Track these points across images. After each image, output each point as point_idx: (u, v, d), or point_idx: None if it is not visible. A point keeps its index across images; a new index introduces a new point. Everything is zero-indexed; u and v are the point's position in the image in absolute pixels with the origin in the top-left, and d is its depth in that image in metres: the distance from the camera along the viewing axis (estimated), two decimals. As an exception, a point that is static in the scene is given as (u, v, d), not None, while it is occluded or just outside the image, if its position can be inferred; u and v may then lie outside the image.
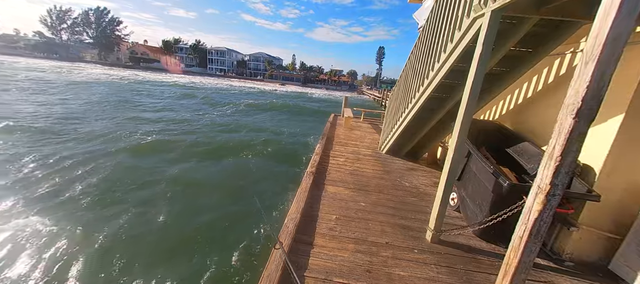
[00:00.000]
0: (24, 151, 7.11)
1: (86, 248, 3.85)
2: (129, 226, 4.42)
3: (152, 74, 49.75)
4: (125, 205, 5.03)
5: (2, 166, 6.13)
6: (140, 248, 3.98)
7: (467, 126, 2.22)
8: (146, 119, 12.91)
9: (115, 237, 4.13)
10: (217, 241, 4.25)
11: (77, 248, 3.82)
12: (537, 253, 1.45)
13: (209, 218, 4.87)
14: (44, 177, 5.79)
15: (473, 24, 2.32)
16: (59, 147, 7.73)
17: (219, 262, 3.77)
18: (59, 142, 8.26)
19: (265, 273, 1.92)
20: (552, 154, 1.26)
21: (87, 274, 3.45)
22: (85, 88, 22.16)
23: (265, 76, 77.51)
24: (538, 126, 3.31)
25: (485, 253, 2.62)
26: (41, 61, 50.85)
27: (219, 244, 4.15)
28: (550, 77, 3.20)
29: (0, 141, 7.48)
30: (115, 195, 5.40)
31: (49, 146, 7.78)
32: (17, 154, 6.86)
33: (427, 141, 5.11)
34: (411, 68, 4.35)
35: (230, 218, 4.86)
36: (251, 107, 21.21)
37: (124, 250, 3.87)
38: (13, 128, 8.88)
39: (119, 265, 3.61)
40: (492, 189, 2.53)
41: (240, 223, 4.74)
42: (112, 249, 3.87)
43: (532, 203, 1.36)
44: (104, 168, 6.58)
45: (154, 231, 4.39)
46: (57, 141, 8.31)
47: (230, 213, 5.04)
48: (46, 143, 8.00)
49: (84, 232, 4.16)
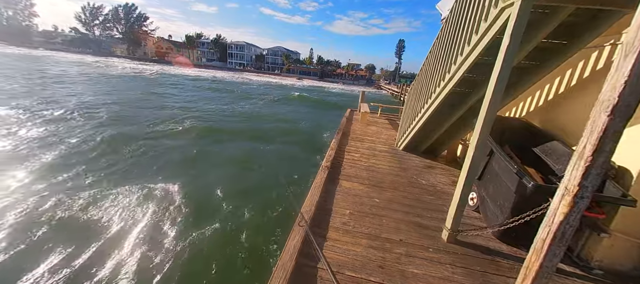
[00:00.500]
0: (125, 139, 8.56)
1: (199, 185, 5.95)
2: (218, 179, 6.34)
3: (178, 69, 52.50)
4: (204, 168, 7.01)
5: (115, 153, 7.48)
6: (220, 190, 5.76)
7: (490, 122, 2.13)
8: (192, 109, 14.81)
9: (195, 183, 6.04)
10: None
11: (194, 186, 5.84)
12: (560, 257, 1.38)
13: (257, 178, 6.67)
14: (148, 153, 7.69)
15: (501, 14, 2.18)
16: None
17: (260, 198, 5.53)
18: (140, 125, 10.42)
19: (289, 243, 2.16)
20: (583, 154, 1.18)
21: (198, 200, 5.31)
22: (129, 81, 24.78)
23: (283, 70, 78.15)
24: (570, 124, 3.08)
25: (505, 255, 2.52)
26: (78, 56, 55.24)
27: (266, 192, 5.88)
28: (586, 72, 2.96)
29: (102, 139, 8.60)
30: (194, 164, 7.31)
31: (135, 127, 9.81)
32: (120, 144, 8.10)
33: (447, 138, 4.94)
34: (432, 61, 4.20)
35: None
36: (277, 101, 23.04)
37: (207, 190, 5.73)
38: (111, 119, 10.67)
39: (208, 200, 5.42)
40: (515, 190, 2.42)
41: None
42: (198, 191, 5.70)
43: (558, 205, 1.29)
44: (179, 147, 8.45)
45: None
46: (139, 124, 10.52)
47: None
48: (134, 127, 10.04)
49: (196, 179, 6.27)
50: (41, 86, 16.74)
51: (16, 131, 8.14)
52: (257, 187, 6.06)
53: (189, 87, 26.18)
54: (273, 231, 4.50)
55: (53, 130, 8.62)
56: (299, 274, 1.97)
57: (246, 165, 7.50)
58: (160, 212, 4.80)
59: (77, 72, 27.34)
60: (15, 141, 7.46)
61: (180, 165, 7.04)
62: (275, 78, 60.04)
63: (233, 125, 12.17)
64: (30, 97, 13.03)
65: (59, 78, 21.38)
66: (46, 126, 8.92)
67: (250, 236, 4.34)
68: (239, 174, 6.87)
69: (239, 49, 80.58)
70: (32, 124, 8.95)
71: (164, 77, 33.31)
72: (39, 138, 7.81)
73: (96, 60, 45.91)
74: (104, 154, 7.29)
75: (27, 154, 6.66)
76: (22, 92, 14.00)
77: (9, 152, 6.69)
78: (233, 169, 7.14)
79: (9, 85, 15.47)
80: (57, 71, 26.22)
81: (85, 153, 7.22)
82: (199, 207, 5.05)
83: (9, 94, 12.98)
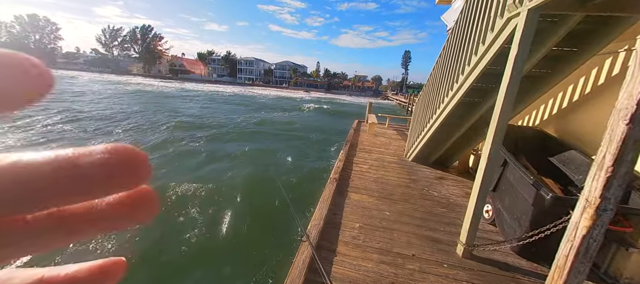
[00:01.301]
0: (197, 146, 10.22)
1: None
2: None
3: (191, 84, 55.27)
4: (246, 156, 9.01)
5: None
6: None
7: (502, 132, 2.08)
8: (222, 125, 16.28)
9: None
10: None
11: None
12: (586, 274, 1.30)
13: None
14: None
15: (507, 24, 2.17)
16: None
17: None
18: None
19: (298, 258, 2.16)
20: (603, 164, 1.13)
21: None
22: (151, 97, 26.58)
23: (291, 83, 79.63)
24: (587, 132, 2.97)
25: (525, 272, 2.39)
26: (99, 75, 58.48)
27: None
28: (601, 78, 2.88)
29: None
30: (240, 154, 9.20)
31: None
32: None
33: (458, 148, 4.84)
34: (439, 72, 4.20)
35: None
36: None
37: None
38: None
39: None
40: (533, 202, 2.32)
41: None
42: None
43: (580, 218, 1.23)
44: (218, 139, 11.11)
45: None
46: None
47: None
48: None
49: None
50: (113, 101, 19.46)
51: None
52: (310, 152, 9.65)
53: (219, 100, 29.14)
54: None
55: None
56: (308, 290, 1.93)
57: (300, 142, 11.21)
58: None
59: (116, 90, 29.80)
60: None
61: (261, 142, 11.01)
62: (283, 91, 61.29)
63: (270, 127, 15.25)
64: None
65: (113, 96, 23.96)
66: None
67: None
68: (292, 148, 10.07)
69: (248, 64, 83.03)
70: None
71: (187, 92, 36.17)
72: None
73: (118, 80, 49.24)
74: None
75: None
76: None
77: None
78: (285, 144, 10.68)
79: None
80: (98, 88, 29.33)
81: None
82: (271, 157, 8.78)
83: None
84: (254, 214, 4.92)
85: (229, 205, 5.21)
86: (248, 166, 7.60)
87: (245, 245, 4.13)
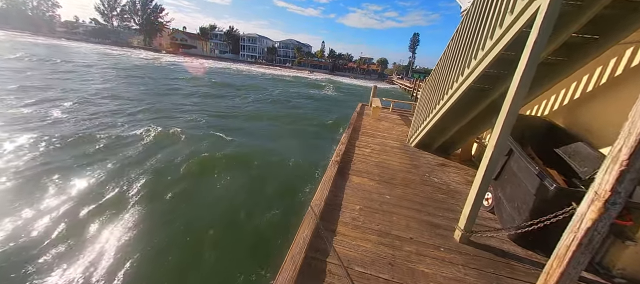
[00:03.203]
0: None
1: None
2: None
3: (196, 60, 55.05)
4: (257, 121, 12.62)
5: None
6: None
7: (511, 121, 2.03)
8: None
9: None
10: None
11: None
12: (585, 265, 1.31)
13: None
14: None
15: (529, 6, 2.04)
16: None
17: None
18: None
19: (299, 235, 2.22)
20: (618, 157, 1.10)
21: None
22: (165, 71, 28.90)
23: (294, 63, 77.90)
24: (598, 124, 2.90)
25: (520, 259, 2.43)
26: (101, 46, 57.70)
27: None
28: (619, 70, 2.76)
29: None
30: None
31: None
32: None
33: (462, 136, 4.79)
34: (450, 56, 4.04)
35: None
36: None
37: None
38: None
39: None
40: (535, 192, 2.32)
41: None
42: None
43: (586, 210, 1.22)
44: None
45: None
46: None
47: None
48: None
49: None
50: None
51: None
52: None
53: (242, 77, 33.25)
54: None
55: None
56: (308, 267, 1.98)
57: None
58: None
59: (135, 64, 31.87)
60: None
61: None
62: (288, 71, 60.29)
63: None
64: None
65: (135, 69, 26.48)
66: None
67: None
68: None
69: (251, 41, 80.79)
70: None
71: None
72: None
73: (124, 51, 50.36)
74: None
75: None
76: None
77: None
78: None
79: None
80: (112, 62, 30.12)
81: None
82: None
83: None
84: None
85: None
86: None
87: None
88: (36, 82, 13.86)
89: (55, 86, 13.58)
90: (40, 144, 6.49)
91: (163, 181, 5.57)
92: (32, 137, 6.77)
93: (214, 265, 3.65)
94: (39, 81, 14.36)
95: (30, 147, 6.33)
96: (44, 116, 8.79)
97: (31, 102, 10.10)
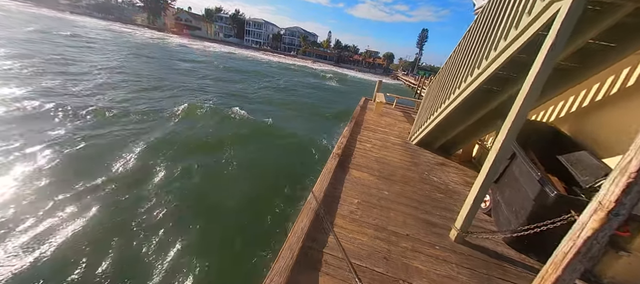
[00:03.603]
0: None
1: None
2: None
3: (202, 43, 55.18)
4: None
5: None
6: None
7: (519, 124, 2.00)
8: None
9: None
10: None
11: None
12: (580, 272, 1.32)
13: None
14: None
15: (548, 8, 1.97)
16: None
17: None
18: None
19: (297, 225, 2.25)
20: (626, 169, 1.08)
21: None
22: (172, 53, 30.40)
23: (299, 51, 76.83)
24: (604, 134, 2.87)
25: (513, 262, 2.46)
26: (105, 22, 57.03)
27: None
28: (631, 79, 2.71)
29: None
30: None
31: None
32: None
33: (465, 137, 4.76)
34: (461, 54, 3.96)
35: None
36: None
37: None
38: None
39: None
40: (535, 198, 2.32)
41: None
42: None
43: (588, 220, 1.21)
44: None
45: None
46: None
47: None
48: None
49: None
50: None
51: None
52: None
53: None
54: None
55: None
56: (305, 256, 2.01)
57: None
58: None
59: (147, 42, 34.39)
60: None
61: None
62: (292, 60, 59.63)
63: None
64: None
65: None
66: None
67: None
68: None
69: (257, 26, 79.44)
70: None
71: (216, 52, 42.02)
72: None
73: (132, 29, 52.13)
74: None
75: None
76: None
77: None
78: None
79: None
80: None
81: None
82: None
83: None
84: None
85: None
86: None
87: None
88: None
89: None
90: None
91: (224, 133, 8.16)
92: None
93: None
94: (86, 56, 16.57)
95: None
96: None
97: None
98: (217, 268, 3.63)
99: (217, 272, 3.57)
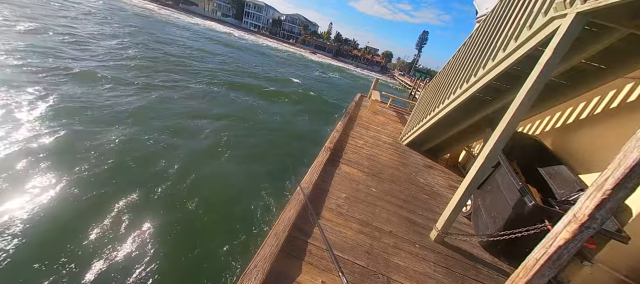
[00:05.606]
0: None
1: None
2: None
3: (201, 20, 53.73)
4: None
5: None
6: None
7: (508, 135, 2.07)
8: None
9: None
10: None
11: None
12: (549, 278, 1.41)
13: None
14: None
15: (549, 24, 2.02)
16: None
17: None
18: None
19: (284, 214, 2.28)
20: (602, 186, 1.15)
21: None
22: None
23: (299, 40, 75.41)
24: (584, 152, 3.02)
25: (486, 264, 2.59)
26: None
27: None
28: (615, 102, 2.84)
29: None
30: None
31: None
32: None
33: (453, 142, 4.88)
34: (459, 60, 4.01)
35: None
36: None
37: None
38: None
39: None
40: (513, 206, 2.42)
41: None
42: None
43: (561, 230, 1.28)
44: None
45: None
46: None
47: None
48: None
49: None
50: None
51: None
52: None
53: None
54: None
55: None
56: (290, 245, 2.03)
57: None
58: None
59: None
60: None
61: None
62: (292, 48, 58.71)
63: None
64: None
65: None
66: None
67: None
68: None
69: (257, 9, 77.05)
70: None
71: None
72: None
73: (146, 4, 51.25)
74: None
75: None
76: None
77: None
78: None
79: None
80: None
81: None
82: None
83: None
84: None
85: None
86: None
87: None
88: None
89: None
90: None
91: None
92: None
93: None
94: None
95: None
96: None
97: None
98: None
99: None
